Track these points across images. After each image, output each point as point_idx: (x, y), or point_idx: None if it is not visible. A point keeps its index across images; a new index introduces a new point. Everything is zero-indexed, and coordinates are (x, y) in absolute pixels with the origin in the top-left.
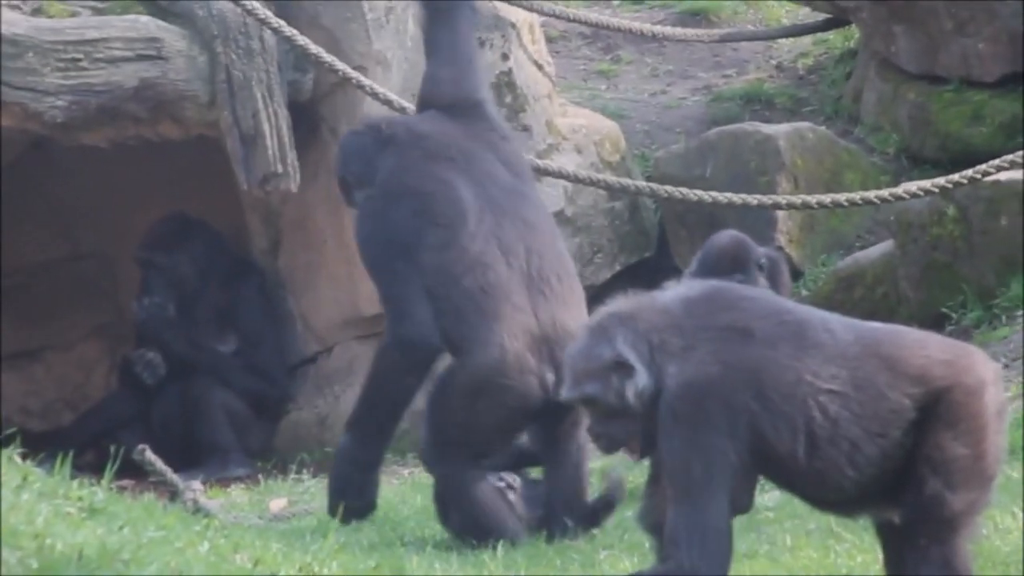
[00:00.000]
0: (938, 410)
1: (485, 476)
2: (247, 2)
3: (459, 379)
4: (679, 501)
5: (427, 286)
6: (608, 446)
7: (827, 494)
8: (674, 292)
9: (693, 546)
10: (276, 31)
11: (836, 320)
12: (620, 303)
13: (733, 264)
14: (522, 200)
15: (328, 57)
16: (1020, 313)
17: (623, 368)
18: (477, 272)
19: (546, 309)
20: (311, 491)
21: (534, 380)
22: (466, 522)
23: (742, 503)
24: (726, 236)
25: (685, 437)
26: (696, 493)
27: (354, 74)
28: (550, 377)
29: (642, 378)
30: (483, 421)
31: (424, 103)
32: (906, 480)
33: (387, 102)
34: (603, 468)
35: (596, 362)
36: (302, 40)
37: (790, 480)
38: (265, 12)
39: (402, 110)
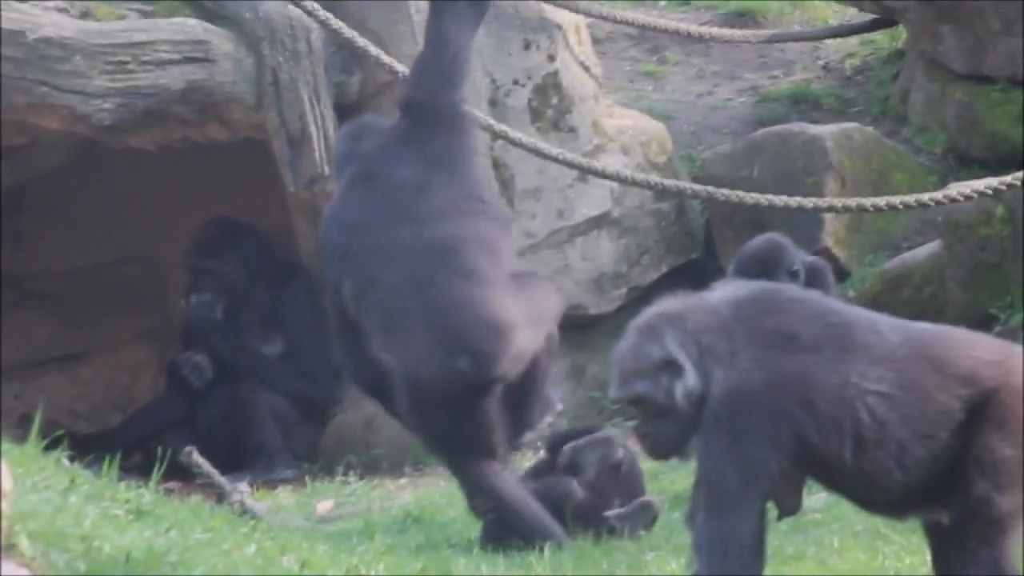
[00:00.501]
0: (986, 411)
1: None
2: (306, 3)
3: (398, 394)
4: (710, 509)
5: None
6: (655, 447)
7: (875, 495)
8: (722, 293)
9: (715, 558)
10: (336, 32)
11: (884, 321)
12: (668, 303)
13: (762, 268)
14: (422, 196)
15: (386, 59)
16: None
17: (672, 367)
18: (369, 296)
19: (441, 300)
20: (357, 493)
21: (442, 371)
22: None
23: (790, 505)
24: (761, 240)
25: (725, 446)
26: (729, 504)
27: (408, 72)
28: (462, 362)
29: (691, 378)
30: (431, 420)
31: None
32: (954, 481)
33: None
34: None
35: (645, 361)
36: (362, 42)
37: (837, 482)
38: (325, 14)
39: None
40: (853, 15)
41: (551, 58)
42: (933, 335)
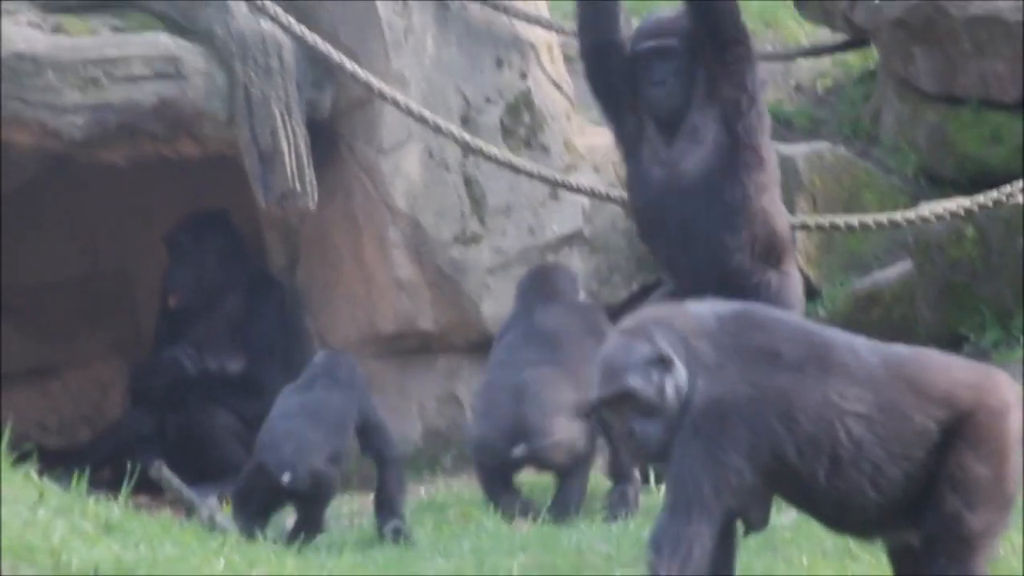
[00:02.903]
0: (962, 431)
1: None
2: (281, 17)
3: None
4: (676, 509)
5: None
6: (639, 447)
7: (847, 515)
8: (703, 306)
9: (675, 558)
10: (311, 48)
11: (861, 342)
12: (652, 310)
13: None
14: None
15: (361, 74)
16: None
17: (663, 363)
18: None
19: None
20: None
21: None
22: None
23: (758, 522)
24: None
25: (702, 452)
26: (697, 508)
27: (383, 87)
28: None
29: (681, 375)
30: None
31: None
32: (926, 500)
33: (413, 114)
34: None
35: (636, 356)
36: (337, 57)
37: (809, 501)
38: (300, 27)
39: (436, 127)
40: (825, 35)
41: (523, 76)
42: (910, 356)
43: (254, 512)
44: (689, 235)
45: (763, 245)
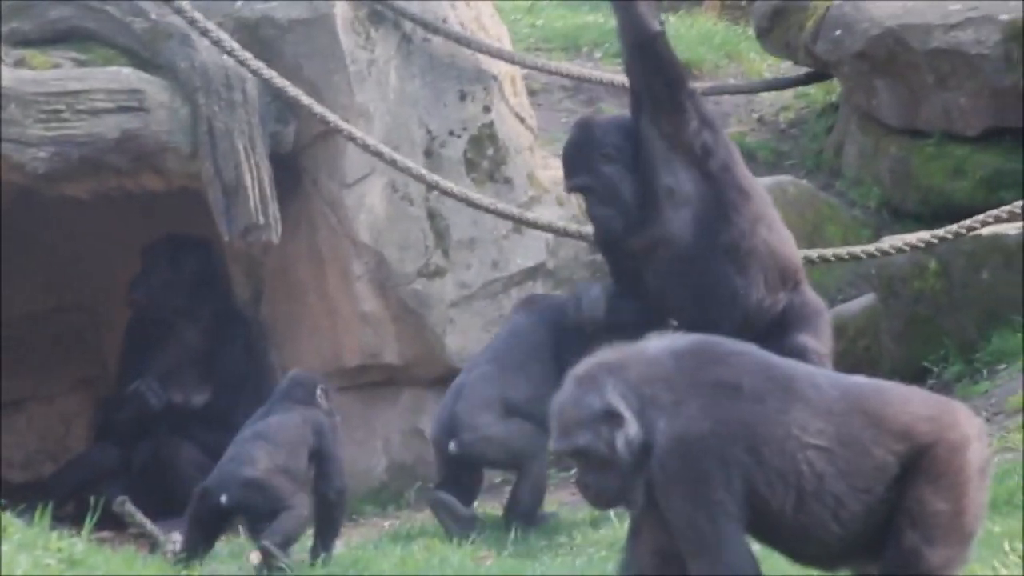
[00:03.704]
0: (921, 465)
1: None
2: (240, 52)
3: None
4: (696, 557)
5: None
6: (597, 497)
7: (810, 548)
8: (659, 344)
9: None
10: (270, 82)
11: (822, 375)
12: (607, 353)
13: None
14: None
15: (319, 108)
16: (1002, 367)
17: (613, 418)
18: None
19: None
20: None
21: None
22: None
23: None
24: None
25: (684, 494)
26: (711, 545)
27: (341, 123)
28: None
29: (632, 428)
30: None
31: None
32: (886, 534)
33: (370, 150)
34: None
35: (586, 411)
36: (295, 92)
37: (773, 534)
38: (258, 63)
39: (392, 162)
40: (788, 68)
41: (487, 109)
42: (870, 389)
43: (199, 536)
44: (702, 296)
45: (775, 274)
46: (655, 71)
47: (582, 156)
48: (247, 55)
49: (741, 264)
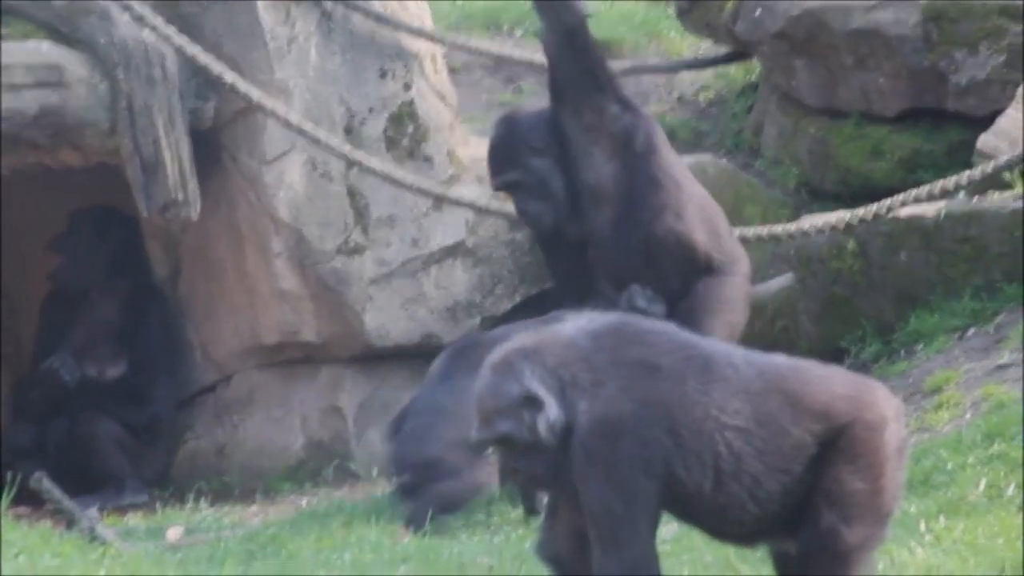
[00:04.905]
0: (838, 445)
1: None
2: (162, 27)
3: None
4: (605, 544)
5: None
6: (523, 482)
7: (728, 527)
8: (576, 325)
9: None
10: (192, 59)
11: (739, 354)
12: (522, 338)
13: None
14: None
15: (242, 86)
16: (919, 347)
17: (533, 403)
18: None
19: None
20: (208, 520)
21: None
22: None
23: None
24: None
25: (602, 478)
26: (622, 534)
27: (263, 99)
28: None
29: (553, 410)
30: None
31: None
32: (804, 513)
33: (292, 126)
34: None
35: (505, 399)
36: (217, 68)
37: (692, 513)
38: (181, 39)
39: (316, 140)
40: (708, 48)
41: (407, 87)
42: (788, 369)
43: None
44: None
45: (686, 263)
46: (581, 58)
47: (509, 152)
48: (171, 31)
49: (651, 256)
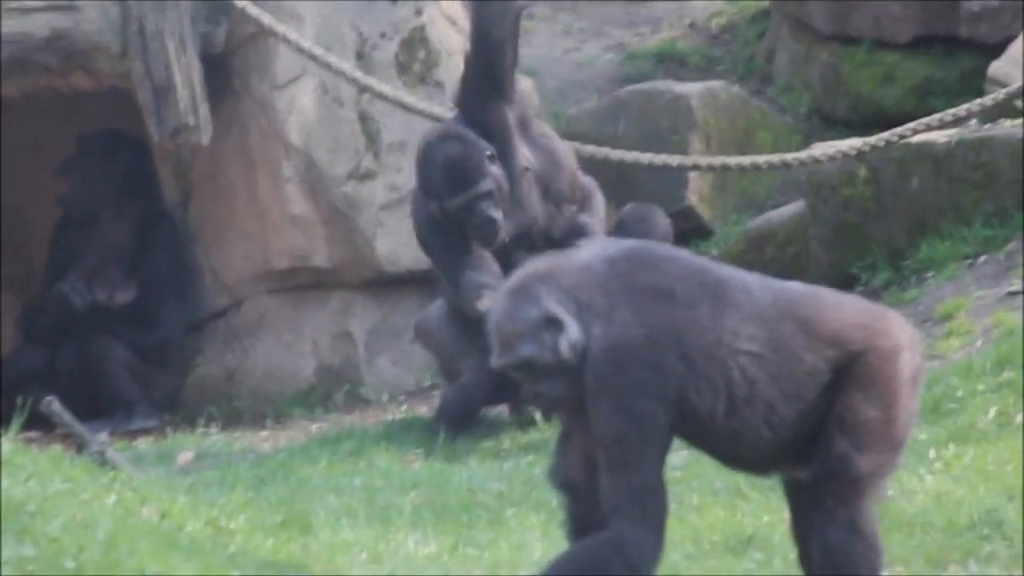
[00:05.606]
0: (852, 372)
1: None
2: None
3: None
4: (615, 469)
5: None
6: (547, 405)
7: (741, 453)
8: (591, 251)
9: (635, 514)
10: None
11: (754, 280)
12: (538, 263)
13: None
14: None
15: (253, 10)
16: (930, 275)
17: (553, 324)
18: None
19: None
20: (218, 445)
21: None
22: None
23: None
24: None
25: (615, 403)
26: (632, 460)
27: (275, 24)
28: None
29: (573, 331)
30: None
31: None
32: (817, 439)
33: (304, 51)
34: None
35: (525, 322)
36: None
37: (705, 439)
38: None
39: (327, 65)
40: None
41: (418, 12)
42: (802, 295)
43: None
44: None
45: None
46: (515, 48)
47: (473, 164)
48: None
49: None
